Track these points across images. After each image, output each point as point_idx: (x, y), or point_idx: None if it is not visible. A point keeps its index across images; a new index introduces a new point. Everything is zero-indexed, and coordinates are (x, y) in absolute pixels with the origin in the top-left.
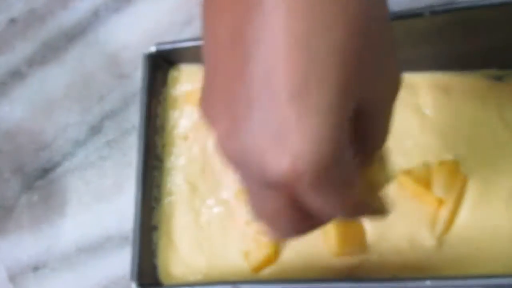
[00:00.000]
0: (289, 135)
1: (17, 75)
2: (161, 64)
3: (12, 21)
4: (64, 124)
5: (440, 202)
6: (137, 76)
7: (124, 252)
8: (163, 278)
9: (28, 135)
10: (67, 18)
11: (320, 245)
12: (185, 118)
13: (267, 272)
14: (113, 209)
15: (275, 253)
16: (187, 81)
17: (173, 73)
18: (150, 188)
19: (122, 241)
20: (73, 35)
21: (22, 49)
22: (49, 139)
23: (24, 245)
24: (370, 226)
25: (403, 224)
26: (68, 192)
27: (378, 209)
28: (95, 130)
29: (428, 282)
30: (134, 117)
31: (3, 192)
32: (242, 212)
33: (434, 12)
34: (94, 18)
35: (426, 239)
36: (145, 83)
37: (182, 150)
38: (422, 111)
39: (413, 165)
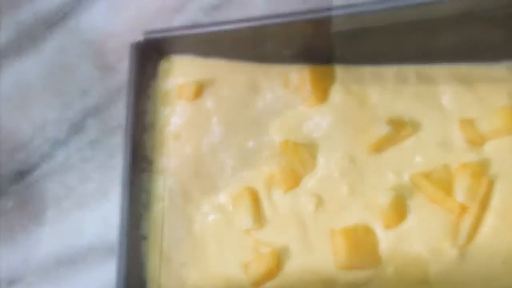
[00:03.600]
0: None
1: None
2: (150, 55)
3: None
4: (42, 121)
5: (463, 208)
6: (124, 68)
7: (109, 265)
8: None
9: (1, 134)
10: (45, 2)
11: (327, 256)
12: (177, 115)
13: (268, 286)
14: (97, 217)
15: (277, 266)
16: (179, 74)
17: (164, 65)
18: (137, 193)
19: (106, 252)
20: (52, 22)
21: None
22: (25, 138)
23: None
24: (384, 235)
25: (422, 233)
26: (47, 198)
27: None
28: (76, 128)
29: None
30: (120, 114)
31: None
32: (240, 219)
33: None
34: (75, 3)
35: (447, 249)
36: (132, 76)
37: (173, 150)
38: (442, 105)
39: (433, 167)
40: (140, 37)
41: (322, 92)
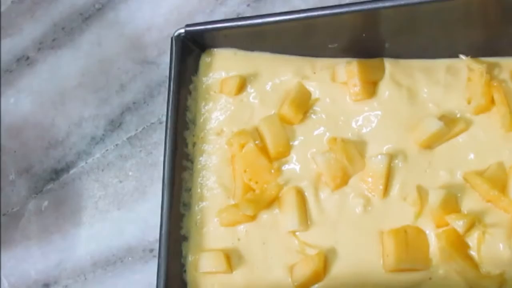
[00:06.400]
0: None
1: (24, 61)
2: (191, 48)
3: None
4: (78, 117)
5: None
6: (164, 62)
7: (148, 267)
8: None
9: (37, 130)
10: None
11: (376, 258)
12: (219, 110)
13: None
14: (135, 217)
15: (324, 268)
16: (221, 68)
17: (205, 59)
18: (178, 192)
19: (145, 254)
20: (89, 14)
21: (30, 31)
22: (61, 135)
23: (32, 259)
24: (435, 236)
25: None
26: (83, 197)
27: None
28: (114, 124)
29: None
30: (159, 109)
31: (7, 197)
32: (286, 220)
33: None
34: None
35: (502, 250)
36: (173, 70)
37: (215, 147)
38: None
39: (487, 164)
40: (181, 30)
41: (370, 86)
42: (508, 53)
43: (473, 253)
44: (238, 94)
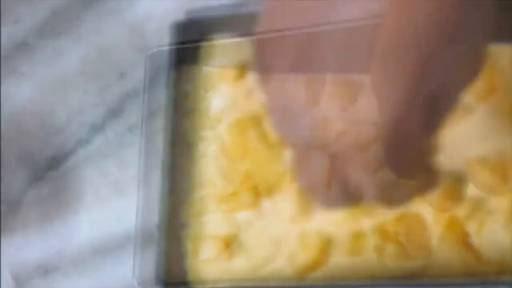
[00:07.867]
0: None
1: (24, 48)
2: (191, 36)
3: None
4: (78, 105)
5: None
6: (164, 49)
7: (148, 254)
8: (194, 283)
9: (37, 118)
10: None
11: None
12: (219, 98)
13: (314, 276)
14: (135, 204)
15: (325, 255)
16: (221, 55)
17: (206, 46)
18: (178, 179)
19: (145, 241)
20: (89, 2)
21: (30, 18)
22: (61, 123)
23: (32, 246)
24: (434, 224)
25: None
26: (83, 185)
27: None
28: (114, 112)
29: None
30: (159, 97)
31: (8, 184)
32: (285, 206)
33: None
34: None
35: (502, 239)
36: (173, 58)
37: (215, 135)
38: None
39: (487, 152)
40: (181, 17)
41: None
42: (508, 40)
43: (473, 240)
44: (238, 81)
